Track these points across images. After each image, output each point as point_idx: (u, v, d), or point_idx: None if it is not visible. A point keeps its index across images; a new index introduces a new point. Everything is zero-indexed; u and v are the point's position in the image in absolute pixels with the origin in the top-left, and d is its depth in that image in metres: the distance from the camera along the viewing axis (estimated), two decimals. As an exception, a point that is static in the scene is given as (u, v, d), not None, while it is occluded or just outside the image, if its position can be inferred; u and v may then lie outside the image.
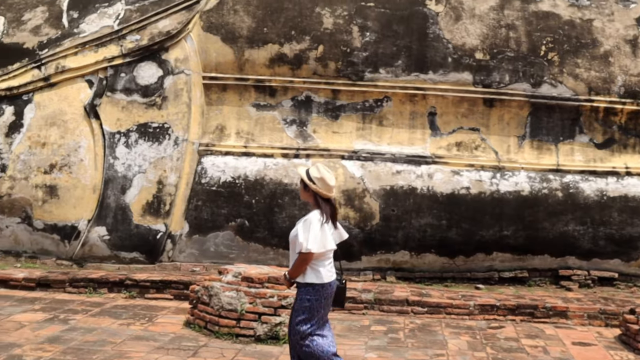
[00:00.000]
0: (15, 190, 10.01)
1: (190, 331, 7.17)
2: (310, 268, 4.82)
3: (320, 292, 4.83)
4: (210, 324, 7.03)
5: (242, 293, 6.93)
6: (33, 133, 10.05)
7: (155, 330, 7.14)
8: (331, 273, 4.93)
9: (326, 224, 4.83)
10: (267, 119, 10.05)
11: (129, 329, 7.13)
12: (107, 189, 9.90)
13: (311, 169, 4.94)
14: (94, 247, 9.97)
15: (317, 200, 4.91)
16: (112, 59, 10.08)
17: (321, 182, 4.88)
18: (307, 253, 4.73)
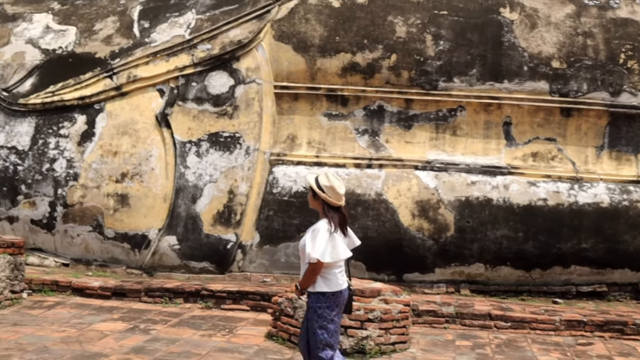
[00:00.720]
0: (87, 198, 10.03)
1: (274, 343, 7.06)
2: (320, 277, 4.75)
3: (331, 300, 4.78)
4: (294, 337, 6.91)
5: (328, 305, 6.76)
6: (105, 142, 10.08)
7: (238, 342, 7.05)
8: (342, 281, 4.87)
9: (335, 233, 4.75)
10: (339, 128, 9.94)
11: (211, 340, 7.05)
12: (178, 198, 9.87)
13: (320, 177, 4.89)
14: (164, 257, 9.94)
15: (326, 208, 4.84)
16: (183, 68, 10.06)
17: (331, 190, 4.82)
18: (315, 263, 4.66)
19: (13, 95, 10.42)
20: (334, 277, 4.80)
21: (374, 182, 9.65)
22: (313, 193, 4.89)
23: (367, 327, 6.79)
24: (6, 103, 10.38)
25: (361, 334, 6.79)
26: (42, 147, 10.23)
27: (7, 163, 10.32)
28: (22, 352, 6.38)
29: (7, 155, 10.32)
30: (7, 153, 10.34)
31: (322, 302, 4.77)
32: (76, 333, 7.12)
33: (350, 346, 6.77)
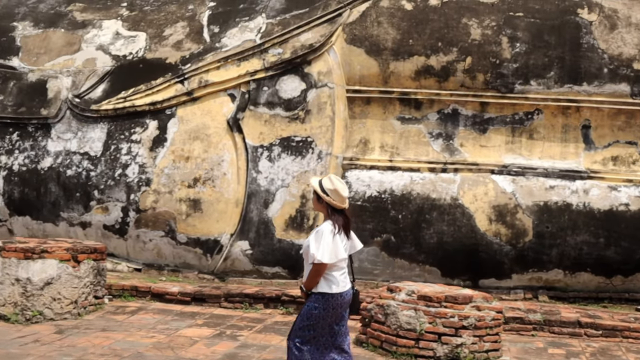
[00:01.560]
0: (159, 204, 10.05)
1: (364, 350, 6.96)
2: (323, 278, 4.85)
3: (329, 302, 4.87)
4: (386, 344, 6.82)
5: (421, 312, 6.70)
6: (177, 147, 10.08)
7: (328, 348, 6.93)
8: (344, 283, 4.95)
9: (338, 235, 4.84)
10: (412, 132, 9.83)
11: (301, 347, 6.94)
12: (250, 203, 9.83)
13: (324, 180, 4.96)
14: (236, 262, 9.91)
15: (330, 211, 4.93)
16: (254, 72, 10.03)
17: (334, 193, 4.90)
18: (319, 264, 4.77)
19: (85, 102, 10.49)
20: (335, 278, 4.89)
21: (450, 187, 9.52)
22: (317, 196, 4.97)
23: (461, 334, 6.65)
24: (79, 109, 10.45)
25: (455, 342, 6.66)
26: (115, 153, 10.26)
27: (80, 169, 10.37)
28: (119, 358, 6.37)
29: (80, 161, 10.38)
30: (79, 159, 10.39)
31: (319, 303, 4.86)
32: (166, 339, 7.10)
33: (445, 354, 6.66)
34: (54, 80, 10.71)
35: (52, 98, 10.65)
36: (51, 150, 10.54)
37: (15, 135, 10.71)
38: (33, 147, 10.62)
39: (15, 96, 10.81)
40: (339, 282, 4.92)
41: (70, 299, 7.83)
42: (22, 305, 7.61)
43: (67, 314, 7.81)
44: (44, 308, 7.67)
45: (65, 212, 10.45)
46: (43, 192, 10.52)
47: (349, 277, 5.05)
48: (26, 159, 10.61)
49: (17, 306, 7.63)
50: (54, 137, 10.56)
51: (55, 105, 10.58)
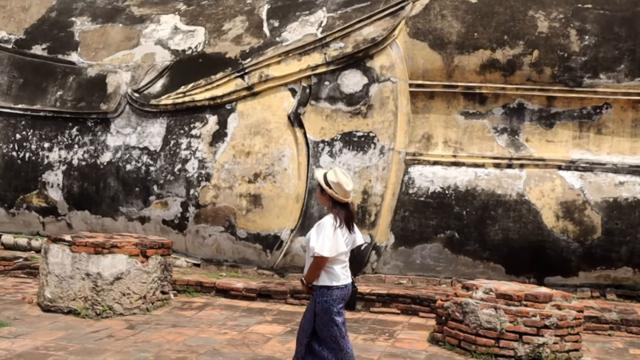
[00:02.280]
0: (219, 199, 9.99)
1: (441, 349, 6.84)
2: (324, 271, 4.86)
3: (336, 293, 4.89)
4: (464, 342, 6.68)
5: (501, 311, 6.54)
6: (237, 142, 10.01)
7: (403, 346, 6.86)
8: (345, 277, 4.96)
9: (339, 229, 4.83)
10: (476, 127, 9.65)
11: (376, 345, 6.86)
12: (311, 199, 9.73)
13: (329, 173, 4.94)
14: (295, 257, 9.83)
15: (332, 204, 4.92)
16: (315, 67, 9.92)
17: (337, 186, 4.88)
18: (320, 257, 4.78)
19: (144, 96, 10.46)
20: (337, 272, 4.90)
21: (515, 183, 9.34)
22: (321, 188, 4.96)
23: (543, 333, 6.49)
24: (138, 104, 10.43)
25: (537, 341, 6.50)
26: (174, 148, 10.23)
27: (139, 164, 10.36)
28: (196, 355, 6.32)
29: (140, 155, 10.36)
30: (139, 154, 10.38)
31: (327, 296, 4.87)
32: (239, 335, 7.03)
33: (526, 353, 6.51)
34: (113, 75, 10.70)
35: (112, 93, 10.64)
36: (110, 145, 10.53)
37: (75, 130, 10.73)
38: (92, 141, 10.63)
39: (75, 91, 10.83)
40: (340, 276, 4.92)
41: (139, 294, 7.80)
42: (93, 300, 7.59)
43: (136, 309, 7.78)
44: (114, 303, 7.65)
45: (124, 206, 10.45)
46: (102, 187, 10.53)
47: (349, 271, 5.07)
48: (85, 154, 10.63)
49: (88, 301, 7.61)
50: (114, 131, 10.56)
51: (114, 100, 10.58)
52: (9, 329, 7.00)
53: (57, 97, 10.88)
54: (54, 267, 7.69)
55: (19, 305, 8.02)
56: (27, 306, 7.97)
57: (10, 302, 8.14)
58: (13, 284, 9.13)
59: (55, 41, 11.24)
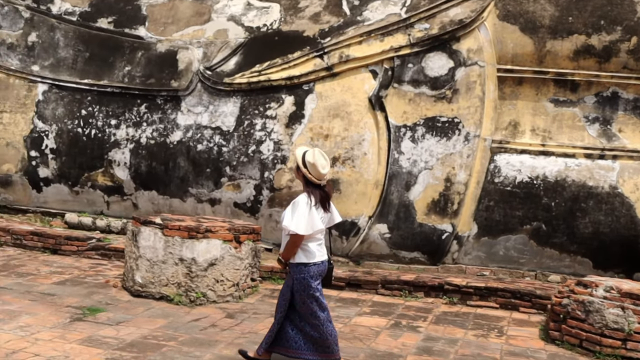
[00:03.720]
0: (295, 182, 9.67)
1: (559, 348, 6.55)
2: (300, 249, 4.95)
3: (312, 270, 4.99)
4: (587, 343, 6.39)
5: (629, 311, 6.23)
6: (315, 124, 9.68)
7: (519, 344, 6.56)
8: (320, 253, 5.06)
9: (314, 207, 4.89)
10: (566, 115, 9.30)
11: (490, 342, 6.58)
12: (391, 185, 9.43)
13: (308, 152, 5.01)
14: (372, 245, 9.53)
15: (305, 183, 5.02)
16: (399, 48, 9.56)
17: (313, 167, 4.97)
18: (295, 235, 4.87)
19: (217, 74, 10.12)
20: (312, 249, 4.99)
21: (608, 175, 9.01)
22: (297, 166, 5.05)
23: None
24: (211, 82, 10.09)
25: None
26: (248, 128, 9.90)
27: (211, 144, 10.04)
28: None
29: (212, 135, 10.04)
30: (211, 134, 10.05)
31: (304, 273, 4.97)
32: (345, 328, 6.76)
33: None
34: (184, 52, 10.35)
35: (183, 70, 10.29)
36: (181, 124, 10.21)
37: (144, 107, 10.40)
38: (162, 119, 10.30)
39: (144, 67, 10.48)
40: (316, 253, 5.02)
41: (232, 281, 7.52)
42: (187, 286, 7.31)
43: (229, 296, 7.50)
44: (207, 290, 7.36)
45: (194, 187, 10.14)
46: (171, 167, 10.22)
47: (325, 248, 5.15)
48: (154, 132, 10.30)
49: (181, 287, 7.32)
50: (184, 110, 10.22)
51: (186, 77, 10.24)
52: (107, 314, 6.73)
53: (125, 73, 10.53)
54: (146, 250, 7.39)
55: (105, 289, 7.74)
56: (113, 290, 7.69)
57: (94, 285, 7.86)
58: (89, 265, 8.85)
59: (121, 14, 10.86)
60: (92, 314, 6.71)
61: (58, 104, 10.74)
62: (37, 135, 10.79)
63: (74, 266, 8.74)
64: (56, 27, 10.94)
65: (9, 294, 7.27)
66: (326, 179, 5.02)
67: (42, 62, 10.91)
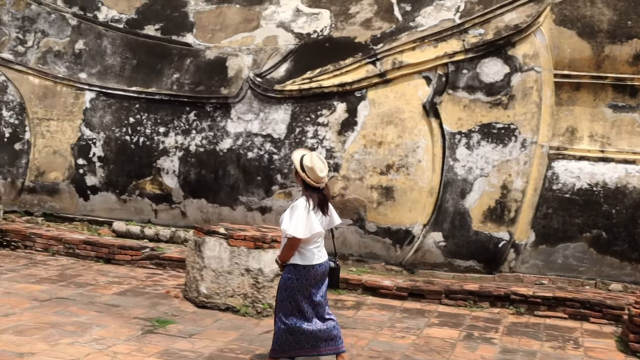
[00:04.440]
0: (348, 190, 9.58)
1: (639, 360, 6.38)
2: (297, 251, 5.02)
3: (302, 273, 5.03)
4: (671, 356, 6.22)
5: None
6: (368, 131, 9.58)
7: (598, 357, 6.42)
8: (318, 256, 5.11)
9: (312, 211, 4.96)
10: (625, 121, 9.16)
11: (568, 354, 6.47)
12: (446, 193, 9.31)
13: (305, 156, 5.07)
14: (427, 253, 9.41)
15: (304, 187, 5.09)
16: (453, 54, 9.44)
17: (311, 171, 5.03)
18: (292, 238, 4.93)
19: (268, 81, 10.03)
20: (309, 252, 5.05)
21: (670, 181, 8.84)
22: (296, 170, 5.12)
23: None
24: (261, 89, 10.00)
25: None
26: (300, 136, 9.81)
27: (261, 151, 9.95)
28: (394, 362, 5.91)
29: (262, 143, 9.95)
30: (262, 141, 9.97)
31: (292, 274, 5.05)
32: (419, 340, 6.65)
33: None
34: (234, 59, 10.27)
35: (233, 77, 10.22)
36: (231, 131, 10.13)
37: (193, 115, 10.33)
38: (211, 127, 10.23)
39: (193, 74, 10.41)
40: (314, 255, 5.07)
41: (298, 291, 7.37)
42: (253, 297, 7.21)
43: (294, 307, 7.36)
44: (273, 301, 7.22)
45: (245, 195, 10.06)
46: (221, 175, 10.14)
47: (324, 250, 5.21)
48: (204, 140, 10.23)
49: (247, 298, 7.23)
50: (234, 117, 10.15)
51: (236, 85, 10.16)
52: (176, 326, 6.65)
53: (174, 80, 10.46)
54: (211, 261, 7.31)
55: (167, 299, 7.66)
56: (176, 301, 7.60)
57: (155, 295, 7.78)
58: (145, 275, 8.78)
59: (168, 21, 10.79)
60: (162, 325, 6.62)
61: (105, 111, 10.68)
62: (85, 143, 10.74)
63: (130, 276, 8.66)
64: (103, 35, 10.88)
65: (74, 305, 7.20)
66: (324, 182, 5.10)
67: (89, 69, 10.86)
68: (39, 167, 10.98)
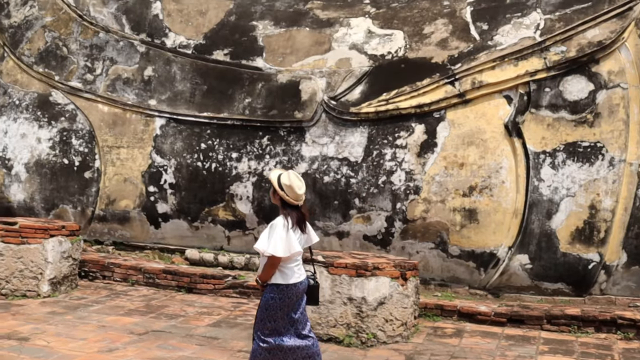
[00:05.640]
0: (430, 213, 9.37)
1: None
2: (278, 270, 5.01)
3: (284, 292, 5.03)
4: None
5: None
6: (448, 153, 9.39)
7: None
8: (298, 274, 5.11)
9: (291, 229, 4.96)
10: None
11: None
12: (532, 214, 9.07)
13: (283, 175, 5.10)
14: (512, 277, 9.17)
15: (282, 205, 5.07)
16: (534, 72, 9.26)
17: (289, 189, 5.03)
18: (272, 257, 4.92)
19: (342, 104, 9.88)
20: (289, 270, 5.04)
21: None
22: (274, 189, 5.10)
23: None
24: (336, 112, 9.86)
25: None
26: (377, 159, 9.64)
27: (338, 175, 9.78)
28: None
29: (339, 167, 9.79)
30: (338, 165, 9.80)
31: (275, 293, 5.01)
32: (539, 370, 6.38)
33: None
34: (307, 82, 10.14)
35: (307, 100, 10.08)
36: (306, 156, 9.98)
37: (266, 140, 10.19)
38: (285, 151, 10.08)
39: (265, 98, 10.29)
40: (293, 273, 5.06)
41: (401, 320, 7.21)
42: (357, 327, 7.01)
43: (398, 336, 7.20)
44: (377, 330, 7.07)
45: (321, 220, 9.88)
46: (297, 200, 9.92)
47: (304, 268, 5.20)
48: (278, 164, 10.08)
49: (351, 328, 7.03)
50: (309, 141, 10.00)
51: (310, 108, 10.02)
52: (285, 359, 6.40)
53: (245, 105, 10.34)
54: (311, 290, 7.08)
55: (264, 330, 7.43)
56: (273, 331, 7.36)
57: (249, 326, 7.57)
58: (231, 304, 8.62)
59: (237, 46, 10.71)
60: (271, 358, 6.40)
61: (176, 138, 10.58)
62: (156, 170, 10.63)
63: (216, 306, 8.50)
64: (172, 61, 10.81)
65: (172, 337, 7.04)
66: (302, 200, 5.11)
67: (159, 96, 10.77)
68: (109, 195, 10.88)
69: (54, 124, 11.18)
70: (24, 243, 8.40)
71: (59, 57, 11.39)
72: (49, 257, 8.54)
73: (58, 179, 11.04)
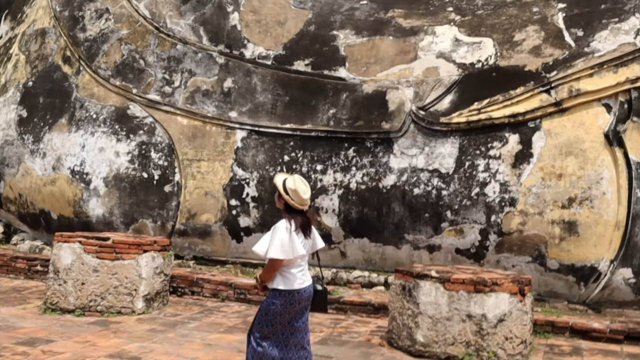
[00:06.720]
0: (527, 226, 9.05)
1: None
2: (279, 274, 4.89)
3: (286, 298, 4.90)
4: None
5: None
6: (545, 163, 9.07)
7: None
8: (302, 280, 4.96)
9: (295, 233, 4.85)
10: None
11: None
12: (634, 226, 8.72)
13: (288, 179, 5.00)
14: (615, 291, 8.81)
15: (286, 209, 4.98)
16: (636, 79, 8.92)
17: (294, 194, 4.94)
18: (272, 259, 4.81)
19: (432, 114, 9.62)
20: (292, 276, 4.92)
21: None
22: (278, 194, 5.01)
23: None
24: (425, 122, 9.59)
25: None
26: (470, 170, 9.35)
27: (428, 187, 9.50)
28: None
29: (429, 178, 9.51)
30: (428, 176, 9.53)
31: (277, 299, 4.89)
32: (680, 391, 6.02)
33: None
34: (394, 92, 9.90)
35: (394, 110, 9.84)
36: (394, 167, 9.72)
37: (352, 151, 9.95)
38: (372, 163, 9.83)
39: (350, 109, 10.06)
40: (296, 279, 4.93)
41: (520, 337, 6.90)
42: (477, 345, 6.72)
43: (518, 355, 6.89)
44: (498, 349, 6.75)
45: (411, 234, 9.60)
46: (385, 213, 9.70)
47: (309, 274, 5.07)
48: (365, 177, 9.83)
49: (470, 346, 6.74)
50: (397, 152, 9.74)
51: (398, 119, 9.77)
52: (410, 380, 6.14)
53: (330, 116, 10.12)
54: (427, 307, 6.85)
55: (373, 348, 7.25)
56: (384, 350, 7.14)
57: (357, 344, 7.36)
58: (330, 320, 8.37)
59: (318, 56, 10.50)
60: (394, 379, 6.14)
61: (258, 150, 10.38)
62: (237, 183, 10.44)
63: (314, 322, 8.25)
64: (252, 72, 10.63)
65: (283, 356, 6.75)
66: (307, 204, 4.99)
67: (239, 107, 10.60)
68: (190, 209, 10.70)
69: (133, 137, 11.04)
70: (118, 259, 8.23)
71: (136, 70, 11.27)
72: (143, 273, 8.36)
73: (137, 193, 10.89)
